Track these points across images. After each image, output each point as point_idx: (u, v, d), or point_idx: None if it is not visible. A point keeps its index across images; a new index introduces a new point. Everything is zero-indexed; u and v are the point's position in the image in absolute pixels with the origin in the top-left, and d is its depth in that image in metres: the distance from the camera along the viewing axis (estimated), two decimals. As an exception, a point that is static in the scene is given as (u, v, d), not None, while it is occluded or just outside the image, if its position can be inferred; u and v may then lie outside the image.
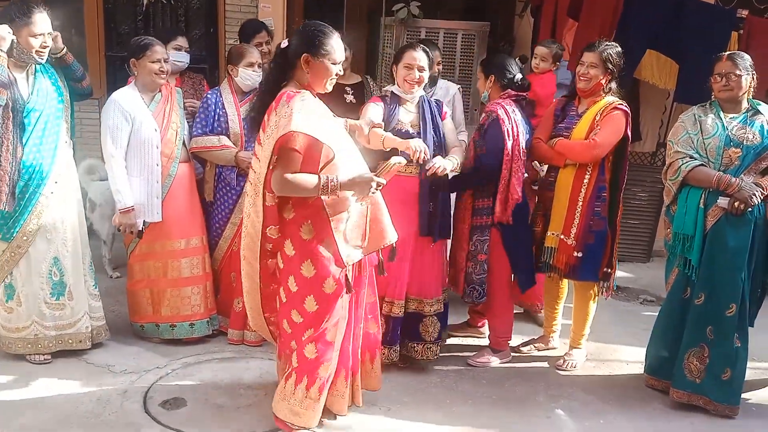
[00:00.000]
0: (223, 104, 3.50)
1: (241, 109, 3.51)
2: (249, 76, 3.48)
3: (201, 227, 3.55)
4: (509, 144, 3.26)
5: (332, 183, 2.44)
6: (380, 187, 2.54)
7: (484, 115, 3.41)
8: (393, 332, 3.29)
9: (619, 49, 3.32)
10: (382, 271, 2.77)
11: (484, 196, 3.35)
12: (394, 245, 2.76)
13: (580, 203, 3.30)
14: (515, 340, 3.68)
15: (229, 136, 3.49)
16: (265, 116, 2.52)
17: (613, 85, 3.35)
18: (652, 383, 3.37)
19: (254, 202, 2.59)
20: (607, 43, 3.33)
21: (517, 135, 3.29)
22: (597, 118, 3.27)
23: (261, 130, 2.55)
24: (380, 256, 2.76)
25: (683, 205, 3.16)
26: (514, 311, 3.69)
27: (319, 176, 2.45)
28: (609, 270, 3.43)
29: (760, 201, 3.01)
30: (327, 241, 2.53)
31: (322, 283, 2.55)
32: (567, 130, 3.38)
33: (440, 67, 4.24)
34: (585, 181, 3.30)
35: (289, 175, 2.42)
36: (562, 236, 3.35)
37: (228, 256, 3.61)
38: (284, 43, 2.52)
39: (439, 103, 3.40)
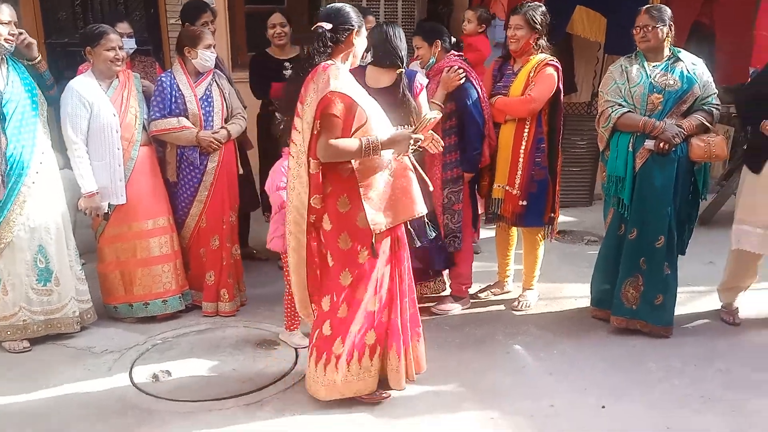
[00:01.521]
0: (179, 86, 3.58)
1: (197, 89, 3.61)
2: (209, 57, 3.59)
3: (166, 207, 3.65)
4: (482, 94, 3.52)
5: (374, 143, 2.58)
6: (418, 144, 2.69)
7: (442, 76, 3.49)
8: None
9: (544, 8, 3.54)
10: (418, 239, 2.90)
11: (452, 150, 3.54)
12: (427, 221, 2.90)
13: (522, 155, 3.55)
14: (473, 288, 3.95)
15: (187, 117, 3.58)
16: (302, 89, 2.63)
17: (543, 42, 3.56)
18: (597, 314, 3.70)
19: (298, 173, 2.68)
20: (530, 4, 3.53)
21: (482, 85, 3.56)
22: (531, 75, 3.49)
23: (299, 102, 2.65)
24: (410, 227, 2.86)
25: (614, 149, 3.44)
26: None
27: (359, 139, 2.59)
28: (553, 215, 3.72)
29: (681, 141, 3.30)
30: (361, 213, 2.66)
31: (357, 255, 2.69)
32: (505, 88, 3.60)
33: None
34: (525, 134, 3.54)
35: (332, 141, 2.56)
36: (507, 187, 3.61)
37: (196, 233, 3.74)
38: (327, 26, 2.61)
39: None
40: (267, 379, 3.10)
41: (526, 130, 3.55)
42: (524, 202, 3.60)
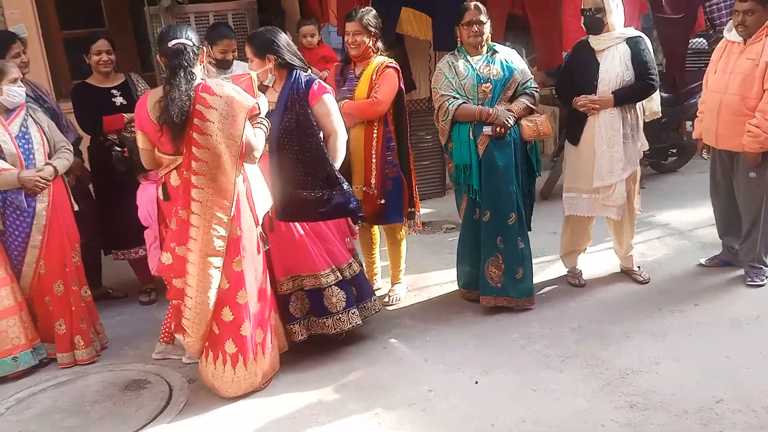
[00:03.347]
0: None
1: (10, 127, 3.32)
2: (17, 92, 3.32)
3: (1, 257, 3.34)
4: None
5: (267, 124, 2.99)
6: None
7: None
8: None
9: (374, 11, 3.68)
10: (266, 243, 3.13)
11: None
12: (270, 214, 3.15)
13: (374, 156, 3.66)
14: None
15: (4, 158, 3.29)
16: (197, 106, 2.77)
17: (380, 44, 3.71)
18: (467, 296, 3.89)
19: (217, 189, 2.80)
20: (362, 9, 3.66)
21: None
22: (374, 78, 3.61)
23: (200, 120, 2.77)
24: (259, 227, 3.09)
25: (457, 139, 3.65)
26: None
27: (261, 126, 2.95)
28: (412, 209, 3.88)
29: (513, 123, 3.58)
30: (245, 210, 2.92)
31: (258, 247, 2.98)
32: (350, 92, 3.69)
33: (235, 53, 4.15)
34: (374, 135, 3.65)
35: (257, 140, 2.88)
36: (364, 188, 3.70)
37: (36, 281, 3.44)
38: (189, 42, 2.83)
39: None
40: (141, 421, 2.94)
41: (375, 132, 3.66)
42: (382, 201, 3.71)
